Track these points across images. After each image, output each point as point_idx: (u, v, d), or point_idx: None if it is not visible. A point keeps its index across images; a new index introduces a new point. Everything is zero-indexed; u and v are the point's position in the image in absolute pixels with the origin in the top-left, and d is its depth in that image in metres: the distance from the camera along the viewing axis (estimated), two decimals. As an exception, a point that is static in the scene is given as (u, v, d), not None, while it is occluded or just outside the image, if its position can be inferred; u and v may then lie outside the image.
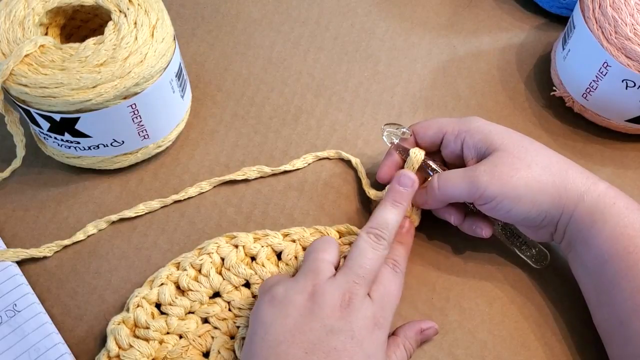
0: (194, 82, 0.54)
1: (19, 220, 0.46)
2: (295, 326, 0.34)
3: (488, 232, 0.42)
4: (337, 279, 0.36)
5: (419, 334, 0.40)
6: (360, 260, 0.36)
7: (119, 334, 0.39)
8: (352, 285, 0.35)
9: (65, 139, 0.44)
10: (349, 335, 0.34)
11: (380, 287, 0.37)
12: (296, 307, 0.35)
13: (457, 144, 0.42)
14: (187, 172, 0.49)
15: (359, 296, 0.35)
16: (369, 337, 0.35)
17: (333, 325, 0.34)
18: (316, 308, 0.34)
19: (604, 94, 0.48)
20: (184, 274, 0.42)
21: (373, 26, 0.59)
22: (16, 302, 0.41)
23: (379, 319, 0.36)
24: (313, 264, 0.37)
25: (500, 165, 0.39)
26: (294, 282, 0.36)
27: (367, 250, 0.37)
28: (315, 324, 0.34)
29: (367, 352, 0.34)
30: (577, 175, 0.39)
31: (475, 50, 0.57)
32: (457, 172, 0.41)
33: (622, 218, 0.38)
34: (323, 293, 0.35)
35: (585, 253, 0.39)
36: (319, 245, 0.38)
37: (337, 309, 0.35)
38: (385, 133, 0.45)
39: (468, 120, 0.43)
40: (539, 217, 0.39)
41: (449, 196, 0.41)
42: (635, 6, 0.46)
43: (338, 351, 0.34)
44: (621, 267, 0.37)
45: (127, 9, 0.43)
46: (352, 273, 0.36)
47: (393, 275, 0.38)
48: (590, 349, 0.41)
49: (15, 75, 0.40)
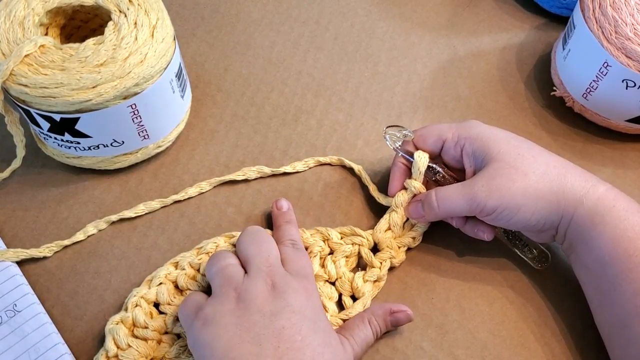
0: (194, 82, 0.54)
1: (19, 220, 0.46)
2: (238, 329, 0.34)
3: (490, 236, 0.43)
4: (251, 273, 0.37)
5: (387, 314, 0.40)
6: (260, 254, 0.38)
7: (117, 333, 0.39)
8: (267, 271, 0.37)
9: (65, 139, 0.44)
10: (289, 311, 0.35)
11: (291, 264, 0.39)
12: (230, 314, 0.35)
13: (457, 151, 0.42)
14: (187, 172, 0.49)
15: (280, 276, 0.37)
16: (306, 305, 0.36)
17: (271, 308, 0.35)
18: (248, 305, 0.35)
19: (604, 94, 0.48)
20: (182, 274, 0.42)
21: (373, 26, 0.59)
22: (16, 302, 0.41)
23: (307, 287, 0.37)
24: (222, 273, 0.37)
25: (498, 177, 0.39)
26: (215, 297, 0.36)
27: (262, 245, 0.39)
28: (255, 316, 0.35)
29: (311, 318, 0.35)
30: (575, 179, 0.39)
31: (475, 50, 0.57)
32: (455, 189, 0.41)
33: (621, 221, 0.38)
34: (247, 289, 0.36)
35: (586, 255, 0.39)
36: (216, 259, 0.39)
37: (267, 296, 0.36)
38: (387, 136, 0.45)
39: (468, 125, 0.43)
40: (539, 223, 0.40)
41: (449, 213, 0.42)
42: (635, 6, 0.46)
43: (287, 328, 0.34)
44: (622, 269, 0.37)
45: (127, 9, 0.43)
46: (260, 263, 0.37)
47: (295, 252, 0.40)
48: (590, 349, 0.41)
49: (15, 75, 0.40)
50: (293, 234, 0.42)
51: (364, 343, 0.39)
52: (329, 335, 0.36)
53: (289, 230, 0.42)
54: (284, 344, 0.34)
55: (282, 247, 0.40)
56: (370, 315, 0.40)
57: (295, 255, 0.40)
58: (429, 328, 0.42)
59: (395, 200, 0.44)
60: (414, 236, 0.44)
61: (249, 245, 0.39)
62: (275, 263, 0.38)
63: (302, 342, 0.34)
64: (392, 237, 0.44)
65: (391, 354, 0.41)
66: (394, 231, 0.44)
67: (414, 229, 0.45)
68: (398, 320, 0.40)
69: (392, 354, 0.41)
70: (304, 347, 0.34)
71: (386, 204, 0.46)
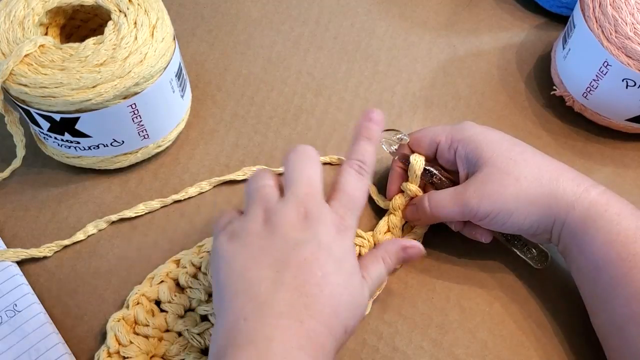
0: (194, 82, 0.54)
1: (19, 220, 0.46)
2: (259, 250, 0.34)
3: (488, 238, 0.43)
4: (287, 196, 0.36)
5: (400, 251, 0.39)
6: (300, 179, 0.36)
7: (119, 330, 0.39)
8: (303, 197, 0.35)
9: (65, 139, 0.44)
10: (315, 244, 0.34)
11: (340, 194, 0.37)
12: (255, 235, 0.34)
13: (451, 154, 0.42)
14: (187, 172, 0.49)
15: (314, 206, 0.35)
16: (335, 243, 0.34)
17: (297, 237, 0.34)
18: (275, 229, 0.34)
19: (604, 93, 0.48)
20: (183, 272, 0.42)
21: (373, 26, 0.59)
22: (16, 302, 0.41)
23: (341, 225, 0.35)
24: (257, 193, 0.36)
25: (489, 183, 0.39)
26: (245, 215, 0.36)
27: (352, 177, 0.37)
28: (279, 242, 0.34)
29: (337, 257, 0.34)
30: (568, 183, 0.39)
31: (475, 49, 0.57)
32: (447, 195, 0.41)
33: (614, 225, 0.37)
34: (276, 213, 0.35)
35: (580, 259, 0.39)
36: (254, 178, 0.38)
37: (296, 223, 0.34)
38: (382, 140, 0.45)
39: (461, 128, 0.42)
40: (532, 227, 0.40)
41: (442, 218, 0.42)
42: (635, 5, 0.46)
43: (309, 262, 0.33)
44: (616, 274, 0.37)
45: (127, 9, 0.43)
46: (298, 188, 0.36)
47: (357, 179, 0.37)
48: (590, 349, 0.41)
49: (15, 75, 0.40)
50: (366, 154, 0.38)
51: (378, 281, 0.38)
52: (353, 277, 0.35)
53: (364, 148, 0.39)
54: (303, 275, 0.33)
55: (345, 166, 0.38)
56: (383, 253, 0.39)
57: (353, 181, 0.37)
58: (429, 328, 0.42)
59: (393, 204, 0.44)
60: (413, 237, 0.44)
61: (292, 166, 0.37)
62: (315, 190, 0.36)
63: (323, 278, 0.33)
64: (392, 238, 0.44)
65: (391, 354, 0.41)
66: (393, 233, 0.44)
67: (414, 231, 0.45)
68: (410, 256, 0.39)
69: (393, 353, 0.41)
70: (323, 284, 0.33)
71: (385, 207, 0.46)
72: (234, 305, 0.33)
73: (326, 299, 0.33)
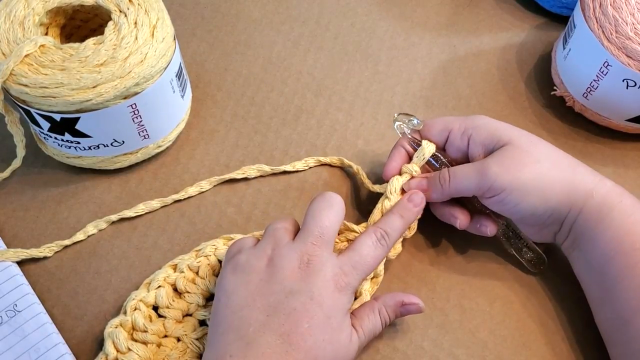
0: (194, 82, 0.54)
1: (19, 220, 0.46)
2: (257, 291, 0.35)
3: (493, 230, 0.42)
4: (295, 242, 0.36)
5: (399, 306, 0.39)
6: (314, 226, 0.37)
7: (117, 337, 0.39)
8: (310, 247, 0.36)
9: (65, 139, 0.44)
10: (308, 296, 0.35)
11: (354, 255, 0.37)
12: (257, 273, 0.35)
13: (464, 141, 0.42)
14: (187, 172, 0.49)
15: (319, 257, 0.36)
16: (328, 297, 0.35)
17: (292, 286, 0.35)
18: (275, 272, 0.35)
19: (604, 93, 0.48)
20: (180, 276, 0.41)
21: (373, 26, 0.59)
22: (16, 302, 0.41)
23: (341, 282, 0.36)
24: (272, 232, 0.38)
25: (510, 158, 0.39)
26: (254, 249, 0.37)
27: (368, 244, 0.38)
28: (276, 286, 0.35)
29: (327, 313, 0.35)
30: (585, 172, 0.40)
31: (476, 49, 0.57)
32: (467, 165, 0.41)
33: (629, 215, 0.38)
34: (281, 256, 0.36)
35: (591, 250, 0.39)
36: (278, 219, 0.39)
37: (296, 271, 0.35)
38: (396, 123, 0.45)
39: (474, 117, 0.43)
40: (545, 213, 0.39)
41: (459, 189, 0.41)
42: (635, 5, 0.46)
43: (298, 312, 0.34)
44: (626, 263, 0.37)
45: (127, 9, 0.43)
46: (309, 235, 0.36)
47: (375, 247, 0.38)
48: (591, 349, 0.41)
49: (15, 75, 0.40)
50: (394, 228, 0.39)
51: (371, 334, 0.38)
52: (340, 334, 0.35)
53: (394, 222, 0.39)
54: (289, 324, 0.34)
55: (369, 231, 0.38)
56: (381, 306, 0.39)
57: (370, 246, 0.38)
58: (430, 328, 0.42)
59: (389, 186, 0.42)
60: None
61: (312, 213, 0.37)
62: (325, 241, 0.36)
63: (308, 330, 0.34)
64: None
65: (392, 354, 0.41)
66: None
67: None
68: (409, 312, 0.40)
69: (393, 353, 0.41)
70: (307, 336, 0.34)
71: (379, 191, 0.45)
72: (224, 340, 0.34)
73: (308, 350, 0.34)
